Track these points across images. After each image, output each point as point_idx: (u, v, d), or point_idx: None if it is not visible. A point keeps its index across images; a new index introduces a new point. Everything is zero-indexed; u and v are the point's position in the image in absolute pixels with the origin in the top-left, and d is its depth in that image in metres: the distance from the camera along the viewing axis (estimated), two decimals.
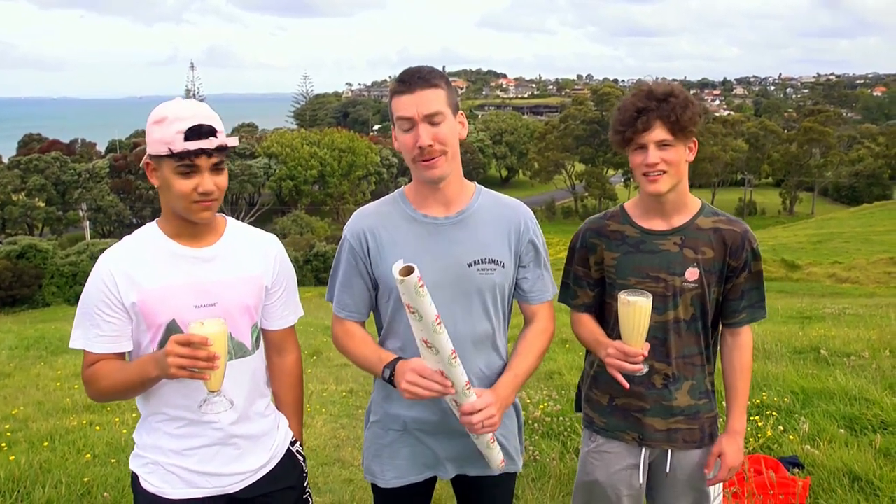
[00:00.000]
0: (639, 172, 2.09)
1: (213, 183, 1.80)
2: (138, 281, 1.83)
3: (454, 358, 1.84)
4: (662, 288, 2.11)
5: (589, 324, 2.29)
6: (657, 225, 2.16)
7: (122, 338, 1.87)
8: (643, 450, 2.24)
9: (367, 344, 2.07)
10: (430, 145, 1.90)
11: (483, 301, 2.03)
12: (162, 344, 1.85)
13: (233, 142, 1.83)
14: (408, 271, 1.73)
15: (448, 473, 2.14)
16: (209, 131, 1.76)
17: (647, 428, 2.21)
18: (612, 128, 2.11)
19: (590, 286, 2.28)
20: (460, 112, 2.00)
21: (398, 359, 1.97)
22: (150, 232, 1.91)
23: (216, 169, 1.80)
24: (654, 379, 2.17)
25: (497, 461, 2.07)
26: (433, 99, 1.90)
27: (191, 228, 1.88)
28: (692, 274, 2.11)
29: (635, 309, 1.94)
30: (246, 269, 1.95)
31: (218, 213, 1.96)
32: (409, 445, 2.12)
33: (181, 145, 1.73)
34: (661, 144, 2.02)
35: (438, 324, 1.79)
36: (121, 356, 1.90)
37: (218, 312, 1.84)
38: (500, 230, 2.05)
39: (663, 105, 1.99)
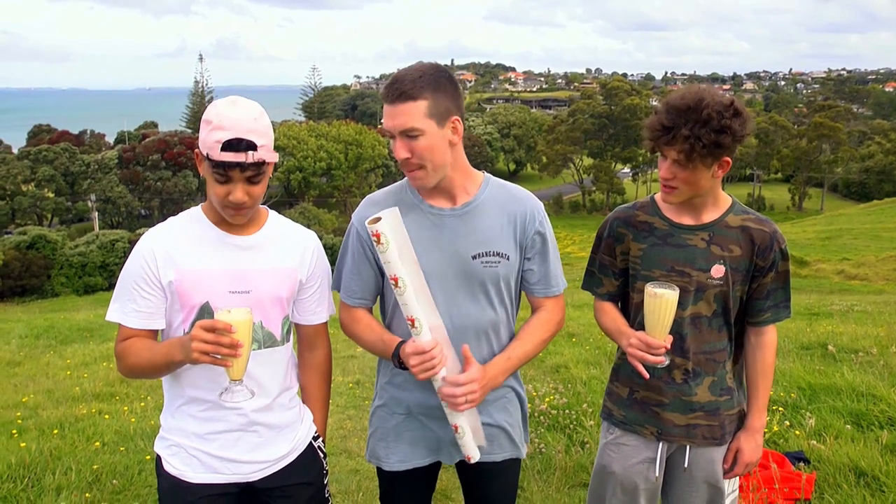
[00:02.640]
0: (659, 176, 2.09)
1: (247, 193, 1.81)
2: (177, 260, 1.87)
3: (412, 324, 1.85)
4: (686, 282, 2.10)
5: (612, 312, 2.28)
6: (686, 219, 2.14)
7: (156, 315, 1.91)
8: (661, 444, 2.23)
9: (372, 329, 2.09)
10: (407, 158, 1.90)
11: (487, 292, 2.04)
12: (194, 325, 1.87)
13: (272, 157, 1.82)
14: (374, 220, 1.77)
15: (451, 458, 2.16)
16: (247, 146, 1.75)
17: (666, 422, 2.20)
18: (645, 126, 2.07)
19: (615, 275, 2.27)
20: (454, 118, 1.92)
21: (400, 343, 1.99)
22: (194, 215, 1.96)
23: (251, 181, 1.81)
24: (675, 374, 2.16)
25: (464, 452, 2.04)
26: (410, 114, 1.85)
27: None
28: (718, 271, 2.09)
29: (662, 301, 1.94)
30: (282, 260, 1.98)
31: (261, 205, 1.99)
32: (412, 429, 2.14)
33: (217, 155, 1.75)
34: (677, 162, 1.99)
35: (396, 284, 1.81)
36: (153, 334, 1.94)
37: (251, 300, 1.88)
38: (506, 222, 2.05)
39: (686, 128, 1.91)
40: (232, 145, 1.74)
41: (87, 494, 3.63)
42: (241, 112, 1.77)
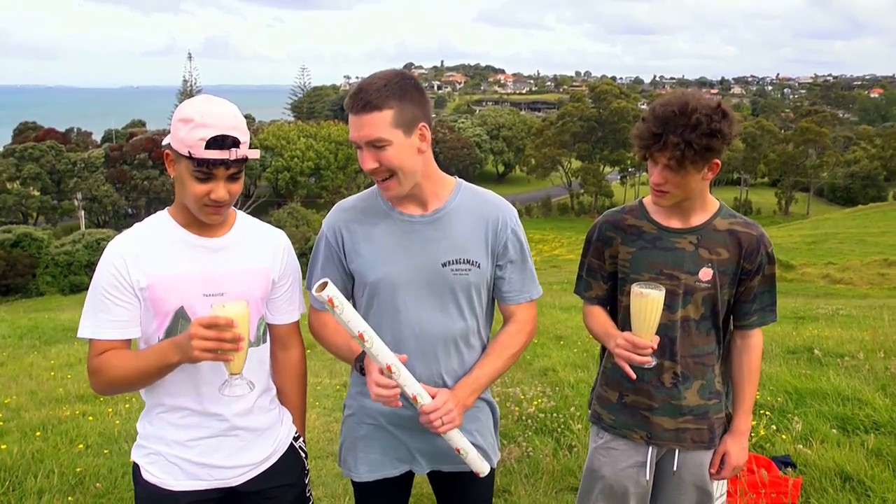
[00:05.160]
0: (650, 181, 2.10)
1: (227, 191, 1.80)
2: (148, 267, 1.83)
3: (389, 371, 1.84)
4: (675, 285, 2.10)
5: (600, 316, 2.28)
6: (674, 223, 2.15)
7: (133, 323, 1.86)
8: (650, 448, 2.23)
9: (339, 334, 2.07)
10: (375, 168, 1.87)
11: (457, 300, 2.02)
12: (169, 331, 1.85)
13: (253, 154, 1.81)
14: (321, 287, 1.73)
15: (422, 469, 2.14)
16: (232, 143, 1.74)
17: (656, 427, 2.20)
18: (634, 135, 2.07)
19: (603, 279, 2.28)
20: (421, 125, 1.89)
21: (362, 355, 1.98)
22: (161, 220, 1.92)
23: (232, 178, 1.80)
24: (664, 378, 2.17)
25: (475, 469, 2.05)
26: (376, 124, 1.82)
27: (199, 219, 1.88)
28: (706, 274, 2.10)
29: (648, 301, 1.94)
30: (254, 261, 1.95)
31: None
32: (382, 439, 2.12)
33: (201, 153, 1.72)
34: (668, 167, 2.00)
35: (363, 339, 1.79)
36: (128, 345, 1.89)
37: (225, 301, 1.84)
38: (477, 229, 2.02)
39: (676, 134, 1.92)
40: (217, 142, 1.72)
41: (69, 498, 3.59)
42: (222, 109, 1.76)
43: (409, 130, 1.87)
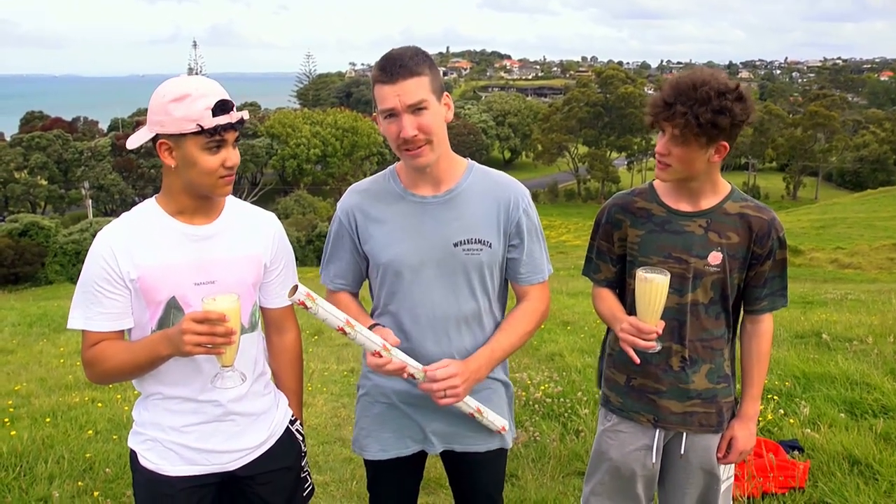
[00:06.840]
0: (655, 151, 2.09)
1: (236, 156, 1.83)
2: (138, 257, 1.82)
3: (387, 351, 1.87)
4: (683, 269, 2.09)
5: (608, 298, 2.27)
6: (684, 206, 2.13)
7: (125, 314, 1.86)
8: (658, 431, 2.23)
9: (349, 310, 2.06)
10: (415, 135, 1.87)
11: (469, 280, 2.03)
12: (161, 321, 1.85)
13: (246, 115, 1.86)
14: (293, 291, 1.76)
15: (435, 448, 2.15)
16: (232, 106, 1.78)
17: (663, 410, 2.20)
18: (648, 103, 2.07)
19: (612, 262, 2.27)
20: (445, 94, 1.95)
21: (372, 326, 1.99)
22: (150, 209, 1.90)
23: (234, 144, 1.83)
24: (672, 361, 2.16)
25: (496, 427, 2.10)
26: (415, 88, 1.85)
27: (192, 206, 1.87)
28: (715, 258, 2.09)
29: (652, 286, 1.93)
30: (245, 247, 1.94)
31: None
32: (395, 419, 2.13)
33: (211, 121, 1.73)
34: (673, 138, 1.99)
35: (350, 326, 1.83)
36: (122, 335, 1.89)
37: (216, 290, 1.84)
38: (489, 209, 2.03)
39: (688, 106, 1.91)
40: (220, 107, 1.75)
41: (79, 483, 3.62)
42: (208, 80, 1.80)
43: (439, 98, 1.93)
